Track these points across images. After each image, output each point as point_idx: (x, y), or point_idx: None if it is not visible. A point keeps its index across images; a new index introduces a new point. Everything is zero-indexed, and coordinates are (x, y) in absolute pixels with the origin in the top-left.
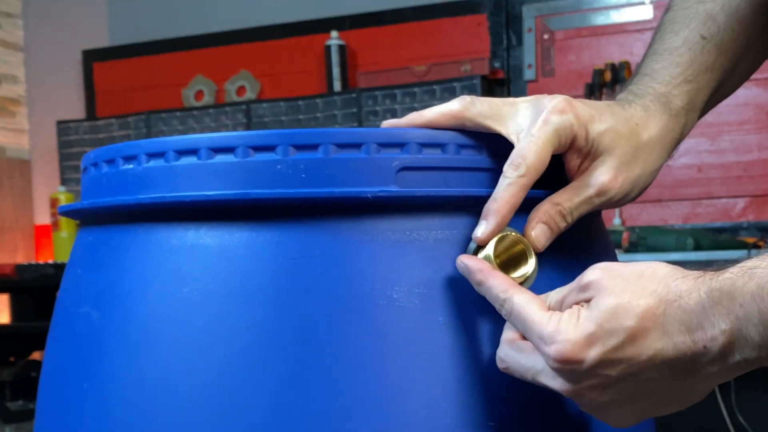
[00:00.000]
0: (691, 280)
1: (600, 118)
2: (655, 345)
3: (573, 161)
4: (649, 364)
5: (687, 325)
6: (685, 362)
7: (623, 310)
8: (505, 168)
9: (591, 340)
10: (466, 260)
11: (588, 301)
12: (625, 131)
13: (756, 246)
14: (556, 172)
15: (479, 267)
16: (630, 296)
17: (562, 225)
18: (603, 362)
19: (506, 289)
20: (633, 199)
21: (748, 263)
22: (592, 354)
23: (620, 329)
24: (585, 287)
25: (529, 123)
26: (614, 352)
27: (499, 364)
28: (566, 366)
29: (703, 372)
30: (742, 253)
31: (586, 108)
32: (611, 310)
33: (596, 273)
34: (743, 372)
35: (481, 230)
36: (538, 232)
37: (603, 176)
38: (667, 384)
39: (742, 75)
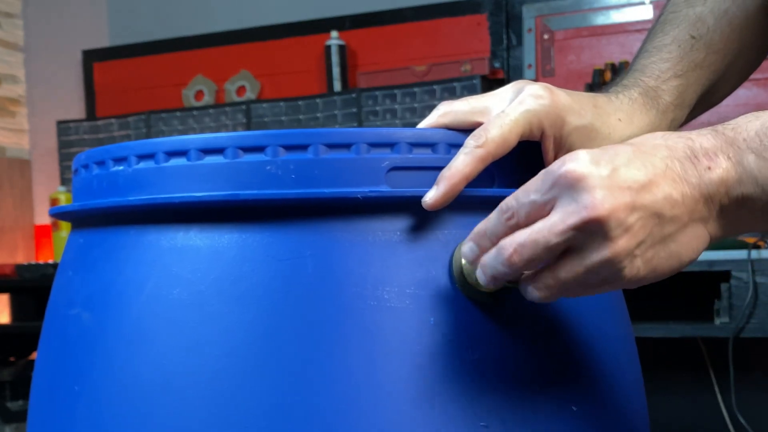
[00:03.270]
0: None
1: (580, 113)
2: (662, 162)
3: (549, 152)
4: (662, 181)
5: (692, 150)
6: (693, 185)
7: (623, 144)
8: (467, 139)
9: (600, 154)
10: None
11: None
12: (603, 129)
13: (756, 246)
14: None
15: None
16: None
17: None
18: (616, 177)
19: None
20: None
21: (756, 112)
22: (604, 166)
23: (626, 149)
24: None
25: (507, 104)
26: (626, 166)
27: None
28: (578, 174)
29: (711, 202)
30: (743, 253)
31: (567, 98)
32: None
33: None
34: (746, 227)
35: (430, 195)
36: None
37: None
38: (680, 218)
39: (734, 79)
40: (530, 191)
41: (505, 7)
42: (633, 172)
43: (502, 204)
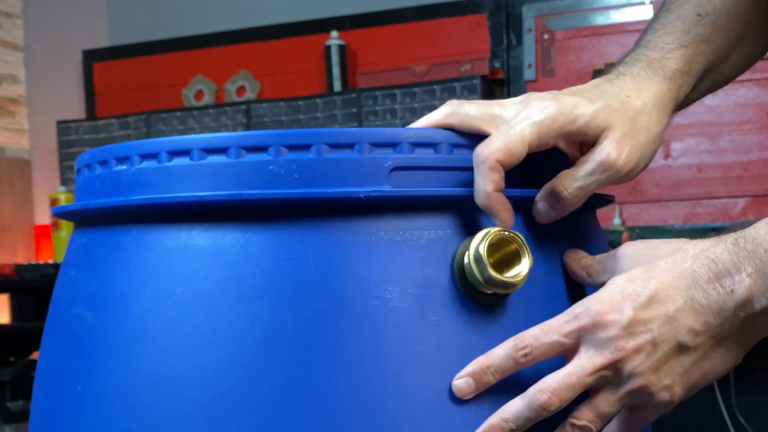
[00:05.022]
0: (714, 238)
1: (589, 100)
2: (685, 294)
3: (573, 152)
4: (683, 317)
5: (715, 273)
6: (715, 312)
7: (648, 269)
8: (474, 153)
9: (622, 298)
10: None
11: None
12: (617, 105)
13: None
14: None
15: None
16: (655, 261)
17: (564, 200)
18: (638, 319)
19: None
20: (644, 168)
21: None
22: (626, 311)
23: (648, 286)
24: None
25: (513, 116)
26: (647, 307)
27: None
28: (603, 320)
29: (736, 321)
30: None
31: (571, 96)
32: (636, 272)
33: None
34: None
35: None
36: (539, 208)
37: (605, 150)
38: (705, 343)
39: (740, 63)
40: (553, 332)
41: (505, 7)
42: (654, 312)
43: (517, 340)
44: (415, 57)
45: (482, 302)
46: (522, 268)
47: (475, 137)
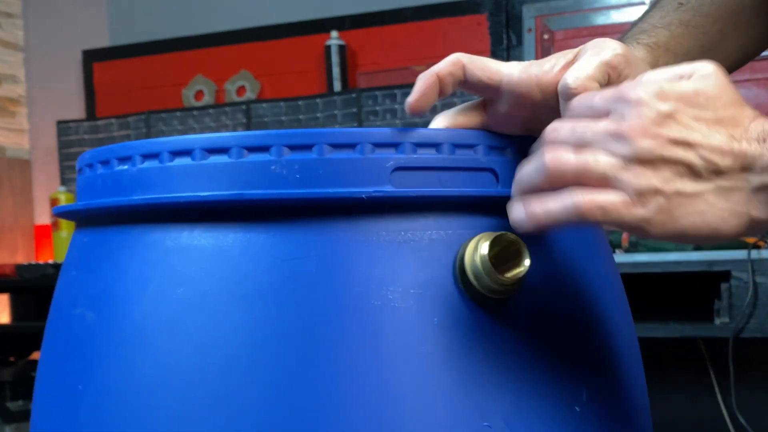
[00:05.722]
0: None
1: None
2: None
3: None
4: (716, 135)
5: (765, 132)
6: (749, 159)
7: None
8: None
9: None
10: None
11: None
12: None
13: (756, 246)
14: None
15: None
16: None
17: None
18: (674, 110)
19: None
20: None
21: None
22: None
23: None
24: None
25: (555, 59)
26: (689, 104)
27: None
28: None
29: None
30: (743, 253)
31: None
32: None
33: None
34: None
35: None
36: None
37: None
38: (715, 180)
39: (734, 50)
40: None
41: (505, 7)
42: (695, 112)
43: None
44: (415, 57)
45: (484, 303)
46: (522, 270)
47: (478, 138)
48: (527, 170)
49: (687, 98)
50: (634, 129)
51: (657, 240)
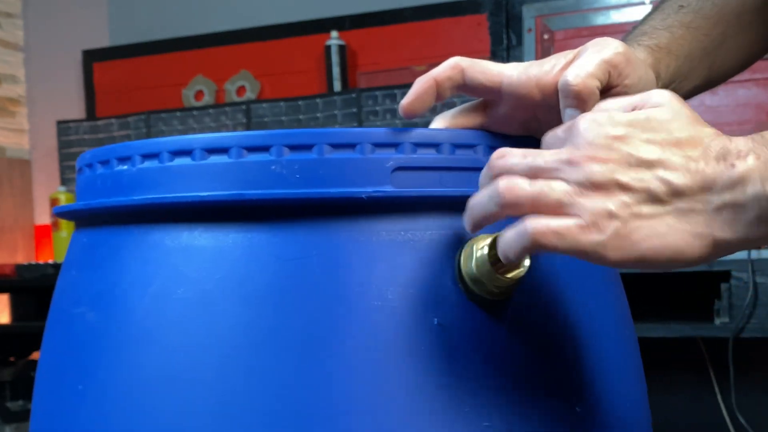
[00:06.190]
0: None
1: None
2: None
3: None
4: (673, 159)
5: (726, 150)
6: (706, 182)
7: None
8: (562, 80)
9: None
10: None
11: None
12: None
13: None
14: None
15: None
16: None
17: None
18: (628, 135)
19: None
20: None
21: None
22: (620, 127)
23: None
24: None
25: (555, 60)
26: (646, 130)
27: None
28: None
29: (722, 192)
30: (743, 253)
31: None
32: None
33: None
34: (760, 232)
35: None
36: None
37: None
38: (673, 204)
39: (737, 51)
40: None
41: (505, 7)
42: (650, 135)
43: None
44: (415, 57)
45: (483, 303)
46: (522, 271)
47: (478, 138)
48: (479, 198)
49: (639, 123)
50: (584, 154)
51: (616, 267)
